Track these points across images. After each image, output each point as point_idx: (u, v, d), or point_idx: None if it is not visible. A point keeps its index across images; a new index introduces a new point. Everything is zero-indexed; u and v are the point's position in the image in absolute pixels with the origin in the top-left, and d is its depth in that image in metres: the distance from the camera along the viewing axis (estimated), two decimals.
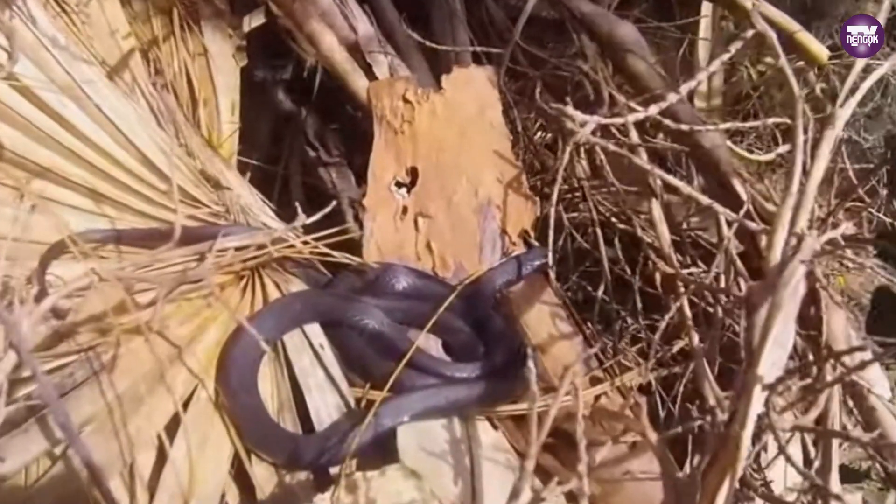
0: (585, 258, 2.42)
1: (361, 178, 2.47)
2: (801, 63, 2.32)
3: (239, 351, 1.87)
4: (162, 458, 1.71)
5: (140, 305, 1.82)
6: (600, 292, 2.17)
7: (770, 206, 1.95)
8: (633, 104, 1.78)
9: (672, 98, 1.73)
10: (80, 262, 1.87)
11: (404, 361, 1.91)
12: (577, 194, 2.40)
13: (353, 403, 1.88)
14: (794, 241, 1.55)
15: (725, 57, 1.89)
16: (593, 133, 1.98)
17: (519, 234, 2.23)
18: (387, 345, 1.99)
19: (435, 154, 2.26)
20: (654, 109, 1.67)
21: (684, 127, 1.94)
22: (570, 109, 1.87)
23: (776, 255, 1.56)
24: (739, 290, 1.87)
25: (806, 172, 1.66)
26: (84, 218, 2.01)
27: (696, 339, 1.88)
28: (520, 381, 1.98)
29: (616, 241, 2.32)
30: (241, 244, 1.94)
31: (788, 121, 1.84)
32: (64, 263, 1.89)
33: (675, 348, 2.09)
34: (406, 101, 2.29)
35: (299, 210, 1.91)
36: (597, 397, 2.04)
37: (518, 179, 2.25)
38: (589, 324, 2.20)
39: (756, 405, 1.39)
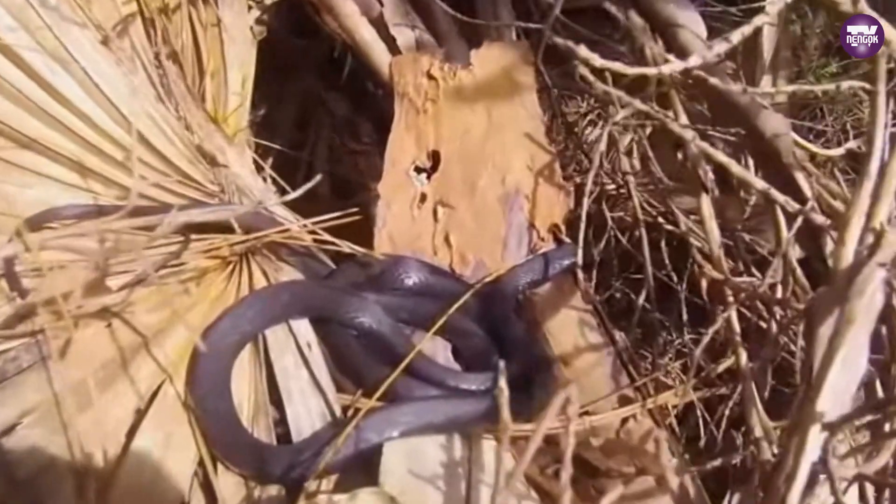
0: (631, 262, 2.14)
1: None
2: None
3: (210, 345, 1.65)
4: (119, 458, 1.51)
5: (108, 288, 1.62)
6: (641, 300, 1.89)
7: (841, 206, 1.63)
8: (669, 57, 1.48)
9: (715, 51, 1.43)
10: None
11: (401, 367, 1.66)
12: (622, 190, 2.11)
13: (339, 412, 1.64)
14: (870, 238, 1.24)
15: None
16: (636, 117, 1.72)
17: (549, 228, 1.96)
18: (384, 347, 1.76)
19: (459, 137, 2.02)
20: (695, 60, 1.38)
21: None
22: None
23: (848, 255, 1.24)
24: (799, 301, 1.57)
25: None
26: (70, 193, 1.82)
27: (744, 357, 1.59)
28: (537, 398, 1.71)
29: (663, 244, 2.02)
30: (194, 220, 1.71)
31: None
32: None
33: (722, 367, 1.79)
34: (430, 77, 2.05)
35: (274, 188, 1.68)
36: (624, 420, 1.76)
37: (550, 167, 1.98)
38: (625, 335, 1.92)
39: (812, 449, 1.10)
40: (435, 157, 2.01)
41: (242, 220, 1.78)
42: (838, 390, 1.11)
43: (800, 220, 1.55)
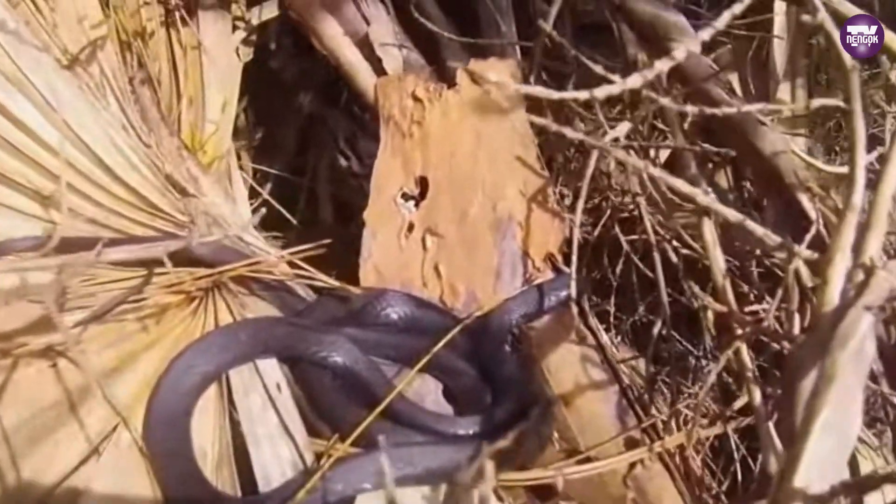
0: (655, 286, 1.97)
1: None
2: None
3: (167, 387, 1.49)
4: None
5: (58, 325, 1.47)
6: (656, 330, 1.71)
7: None
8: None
9: (700, 37, 1.24)
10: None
11: (377, 410, 1.49)
12: (634, 212, 1.94)
13: (311, 459, 1.46)
14: (859, 275, 1.06)
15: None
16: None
17: (544, 257, 1.79)
18: (360, 387, 1.59)
19: (447, 162, 1.85)
20: (680, 54, 1.20)
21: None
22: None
23: (832, 297, 1.05)
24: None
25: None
26: (31, 223, 1.69)
27: (757, 394, 1.40)
28: (533, 442, 1.53)
29: (681, 265, 1.84)
30: (122, 258, 1.55)
31: None
32: None
33: (738, 404, 1.61)
34: (416, 99, 1.89)
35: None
36: (632, 465, 1.57)
37: (544, 192, 1.81)
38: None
39: None
40: (423, 183, 1.85)
41: (206, 253, 1.64)
42: (821, 460, 0.90)
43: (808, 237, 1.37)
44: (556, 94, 1.06)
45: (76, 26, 1.87)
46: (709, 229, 1.54)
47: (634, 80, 1.13)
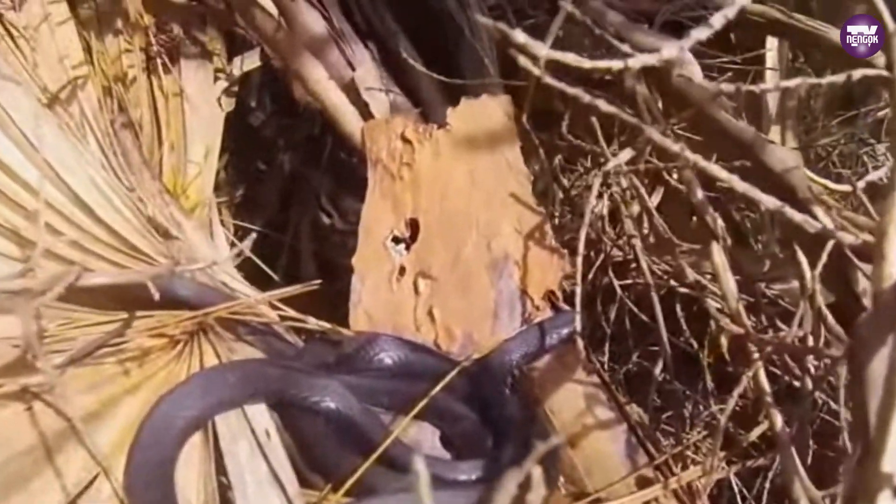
0: (648, 333, 1.89)
1: None
2: None
3: (150, 433, 1.38)
4: None
5: (35, 367, 1.37)
6: (658, 370, 1.63)
7: (868, 237, 1.39)
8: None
9: (694, 37, 1.18)
10: None
11: (374, 456, 1.39)
12: (629, 256, 1.88)
13: None
14: None
15: None
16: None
17: (543, 295, 1.70)
18: (354, 434, 1.48)
19: (439, 202, 1.78)
20: (668, 52, 1.13)
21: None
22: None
23: (890, 271, 0.99)
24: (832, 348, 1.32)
25: None
26: (8, 265, 1.57)
27: (779, 420, 1.32)
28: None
29: (678, 309, 1.78)
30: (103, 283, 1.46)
31: None
32: None
33: (755, 433, 1.52)
34: (405, 140, 1.82)
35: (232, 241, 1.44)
36: None
37: (541, 229, 1.74)
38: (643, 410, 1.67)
39: None
40: (413, 225, 1.77)
41: (190, 295, 1.56)
42: None
43: (825, 255, 1.30)
44: (587, 63, 0.99)
45: (57, 65, 1.82)
46: (718, 253, 1.48)
47: (668, 52, 1.07)
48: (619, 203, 1.93)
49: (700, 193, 1.53)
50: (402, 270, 1.74)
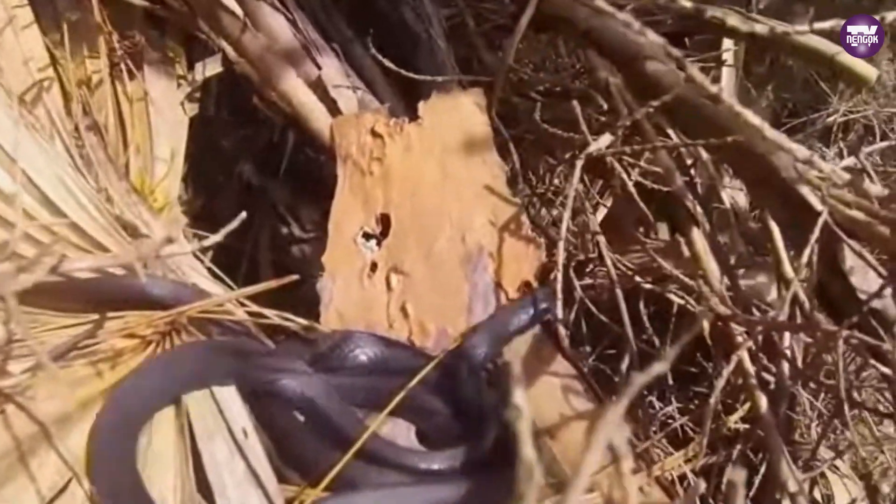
0: (604, 335, 1.87)
1: None
2: None
3: (106, 432, 1.33)
4: None
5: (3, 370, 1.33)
6: (624, 366, 1.61)
7: (857, 214, 1.38)
8: None
9: None
10: None
11: (353, 448, 1.36)
12: (591, 255, 1.85)
13: None
14: None
15: None
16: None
17: (519, 286, 1.68)
18: (328, 425, 1.45)
19: (410, 197, 1.75)
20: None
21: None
22: None
23: None
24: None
25: None
26: None
27: (763, 402, 1.31)
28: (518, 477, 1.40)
29: (641, 306, 1.76)
30: (85, 267, 1.41)
31: None
32: None
33: (735, 417, 1.51)
34: (375, 135, 1.79)
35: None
36: None
37: (516, 220, 1.72)
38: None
39: None
40: (385, 220, 1.74)
41: (163, 294, 1.51)
42: None
43: (817, 230, 1.30)
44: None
45: (22, 68, 1.77)
46: (699, 238, 1.47)
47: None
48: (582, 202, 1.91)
49: (679, 179, 1.52)
50: (374, 267, 1.71)
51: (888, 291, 1.43)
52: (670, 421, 1.68)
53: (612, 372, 1.77)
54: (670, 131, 1.72)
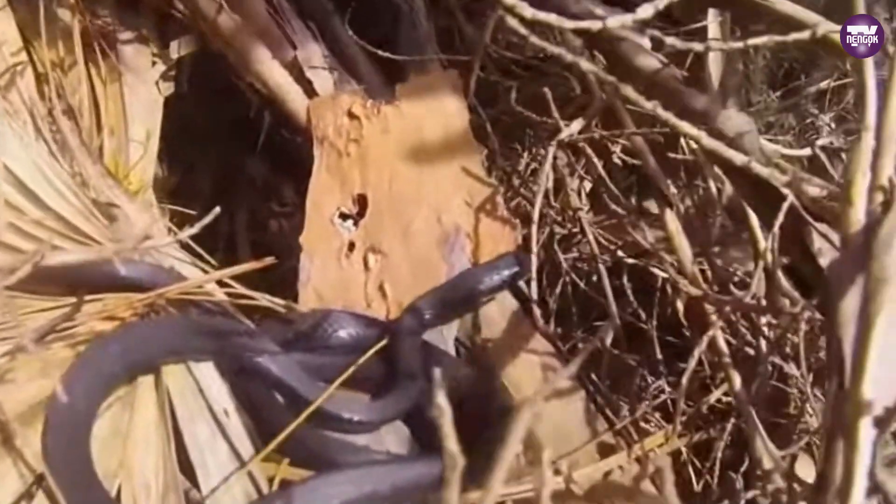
0: (592, 309, 1.86)
1: None
2: None
3: (58, 421, 1.30)
4: None
5: None
6: (608, 342, 1.61)
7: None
8: None
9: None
10: None
11: (305, 413, 1.38)
12: (574, 229, 1.85)
13: (265, 487, 1.32)
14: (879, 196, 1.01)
15: None
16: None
17: None
18: (301, 404, 1.43)
19: (388, 178, 1.74)
20: (644, 11, 1.12)
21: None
22: None
23: (858, 216, 1.01)
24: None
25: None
26: None
27: (738, 380, 1.32)
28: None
29: (625, 280, 1.75)
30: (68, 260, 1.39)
31: None
32: None
33: (714, 397, 1.51)
34: (352, 116, 1.78)
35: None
36: (607, 473, 1.46)
37: (492, 201, 1.71)
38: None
39: (866, 451, 0.82)
40: (362, 201, 1.73)
41: (141, 276, 1.50)
42: (880, 377, 0.84)
43: (781, 215, 1.30)
44: (568, 24, 0.97)
45: None
46: (672, 219, 1.47)
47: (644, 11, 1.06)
48: (564, 177, 1.91)
49: (652, 161, 1.52)
50: (352, 247, 1.70)
51: None
52: (654, 398, 1.67)
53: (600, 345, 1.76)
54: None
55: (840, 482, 0.81)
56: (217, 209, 1.30)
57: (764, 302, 1.41)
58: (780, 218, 1.30)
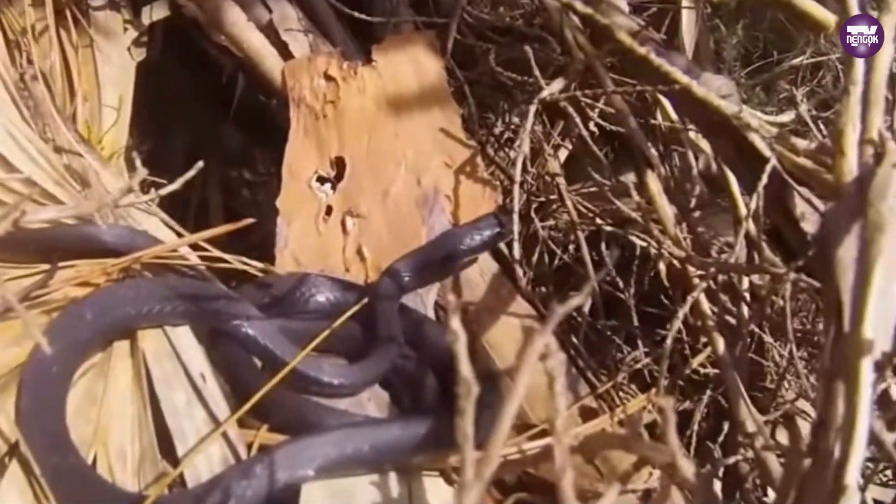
0: (568, 278, 1.82)
1: None
2: None
3: (32, 385, 1.24)
4: None
5: None
6: (587, 308, 1.57)
7: (804, 162, 1.34)
8: None
9: None
10: None
11: (282, 374, 1.31)
12: (552, 197, 1.80)
13: (244, 453, 1.26)
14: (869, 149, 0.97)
15: None
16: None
17: None
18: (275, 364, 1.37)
19: (366, 139, 1.68)
20: None
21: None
22: None
23: (850, 166, 0.99)
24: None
25: None
26: None
27: (721, 343, 1.28)
28: (487, 417, 1.36)
29: (603, 248, 1.71)
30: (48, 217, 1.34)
31: None
32: None
33: (697, 360, 1.47)
34: (329, 78, 1.72)
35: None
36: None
37: (472, 162, 1.66)
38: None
39: (867, 392, 0.79)
40: (339, 163, 1.67)
41: (116, 241, 1.44)
42: (877, 320, 0.81)
43: (765, 176, 1.26)
44: None
45: None
46: (653, 181, 1.42)
47: None
48: (542, 143, 1.86)
49: (633, 122, 1.47)
50: (329, 210, 1.64)
51: None
52: (633, 364, 1.64)
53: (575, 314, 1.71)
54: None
55: (842, 422, 0.78)
56: (200, 163, 1.24)
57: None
58: (764, 180, 1.26)
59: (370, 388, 1.44)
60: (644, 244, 1.71)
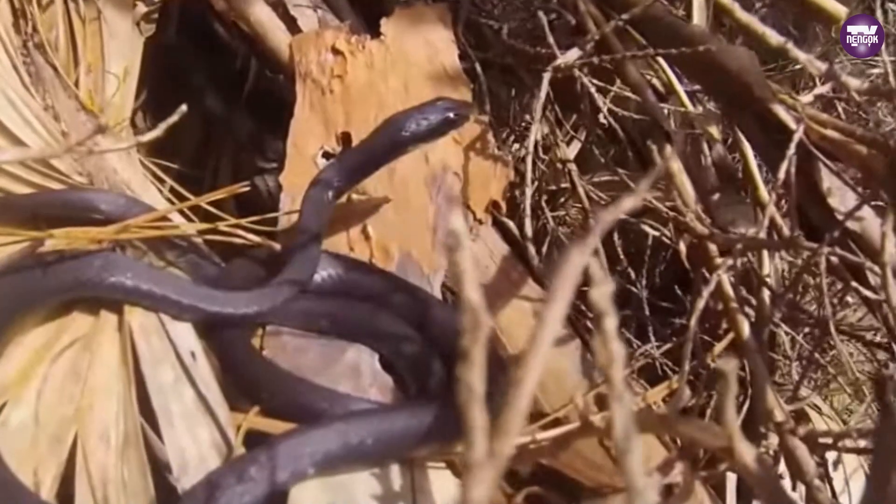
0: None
1: None
2: None
3: None
4: None
5: None
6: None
7: (833, 133, 1.17)
8: None
9: None
10: None
11: None
12: (563, 184, 1.62)
13: (234, 439, 1.08)
14: None
15: None
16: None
17: (486, 207, 1.45)
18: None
19: (373, 115, 1.48)
20: None
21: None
22: None
23: None
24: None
25: None
26: None
27: (746, 326, 1.10)
28: (494, 404, 1.18)
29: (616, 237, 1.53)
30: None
31: None
32: None
33: (719, 347, 1.29)
34: (336, 52, 1.54)
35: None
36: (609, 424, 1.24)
37: (483, 138, 1.47)
38: None
39: None
40: (346, 139, 1.48)
41: (110, 208, 1.27)
42: None
43: (792, 147, 1.08)
44: None
45: None
46: (672, 156, 1.24)
47: None
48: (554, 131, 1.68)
49: (651, 95, 1.29)
50: None
51: (866, 212, 1.24)
52: (641, 358, 1.45)
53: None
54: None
55: None
56: (184, 107, 1.07)
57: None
58: (792, 149, 1.08)
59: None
60: (657, 234, 1.54)
